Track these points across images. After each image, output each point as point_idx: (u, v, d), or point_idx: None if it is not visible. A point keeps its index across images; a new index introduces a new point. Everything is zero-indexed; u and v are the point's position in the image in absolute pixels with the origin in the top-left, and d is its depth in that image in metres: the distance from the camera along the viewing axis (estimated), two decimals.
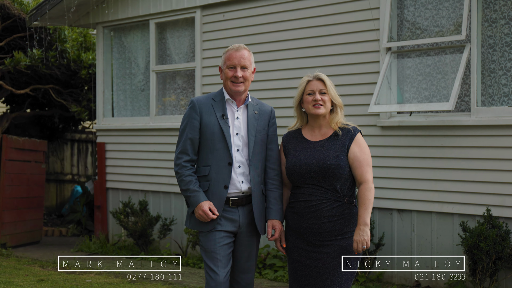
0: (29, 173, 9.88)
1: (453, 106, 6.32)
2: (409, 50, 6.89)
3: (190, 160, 4.26)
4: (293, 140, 4.32)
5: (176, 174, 4.31)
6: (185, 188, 4.23)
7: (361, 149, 4.16)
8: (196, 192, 4.19)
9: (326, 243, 4.12)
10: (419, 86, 6.83)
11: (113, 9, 9.42)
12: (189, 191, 4.21)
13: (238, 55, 4.30)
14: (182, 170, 4.25)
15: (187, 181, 4.23)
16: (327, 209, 4.11)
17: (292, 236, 4.24)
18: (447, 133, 6.53)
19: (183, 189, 4.26)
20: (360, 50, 7.17)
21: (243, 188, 4.27)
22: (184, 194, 4.27)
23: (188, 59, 8.89)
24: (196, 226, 4.28)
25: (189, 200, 4.24)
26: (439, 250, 6.62)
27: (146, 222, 8.62)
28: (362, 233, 4.05)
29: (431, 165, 6.64)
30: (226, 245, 4.22)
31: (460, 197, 6.48)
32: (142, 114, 9.44)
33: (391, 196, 6.93)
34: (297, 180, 4.20)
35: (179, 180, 4.27)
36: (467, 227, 6.22)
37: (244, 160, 4.28)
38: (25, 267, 7.77)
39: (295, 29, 7.69)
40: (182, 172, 4.24)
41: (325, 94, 4.19)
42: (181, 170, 4.25)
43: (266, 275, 7.35)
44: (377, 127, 7.02)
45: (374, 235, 7.00)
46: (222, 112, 4.28)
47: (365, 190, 4.10)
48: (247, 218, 4.29)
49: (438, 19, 6.72)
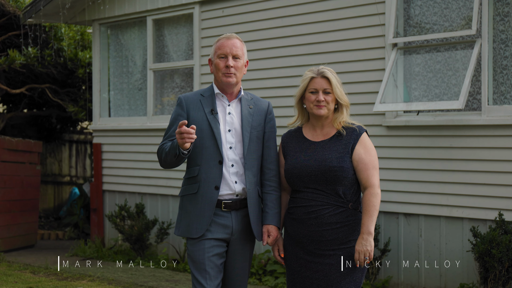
0: (23, 175, 9.58)
1: (463, 104, 6.00)
2: (416, 46, 6.58)
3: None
4: (293, 140, 3.97)
5: (158, 156, 3.89)
6: (169, 149, 3.76)
7: (367, 151, 3.81)
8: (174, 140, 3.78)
9: (328, 253, 3.76)
10: (427, 84, 6.52)
11: (109, 5, 9.14)
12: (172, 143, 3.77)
13: (229, 43, 3.93)
14: (160, 148, 3.87)
15: (168, 144, 3.82)
16: (329, 216, 3.76)
17: (291, 245, 3.88)
18: (457, 133, 6.22)
19: (166, 151, 3.78)
20: (364, 46, 6.87)
21: (236, 189, 3.91)
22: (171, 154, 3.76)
23: (187, 57, 8.60)
24: (185, 232, 3.91)
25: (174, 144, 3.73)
26: (448, 256, 6.31)
27: (143, 226, 8.32)
28: (365, 242, 3.69)
29: (440, 167, 6.32)
30: (216, 255, 3.86)
31: (470, 201, 6.16)
32: (139, 114, 9.16)
33: (397, 199, 6.62)
34: (296, 183, 3.85)
35: (162, 154, 3.83)
36: (478, 232, 5.91)
37: (238, 159, 3.92)
38: (15, 273, 7.46)
39: (297, 24, 7.40)
40: (161, 147, 3.86)
41: (329, 93, 3.84)
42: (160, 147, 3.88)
43: (267, 282, 7.03)
44: (383, 127, 6.72)
45: (380, 240, 6.69)
46: (211, 107, 3.94)
47: (370, 196, 3.73)
48: (240, 224, 3.93)
49: (447, 13, 6.40)
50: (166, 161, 3.85)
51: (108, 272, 7.55)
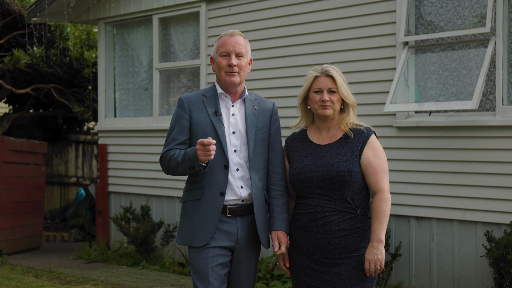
0: (27, 176, 9.43)
1: (477, 105, 5.80)
2: (428, 44, 6.39)
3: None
4: (297, 143, 3.76)
5: (164, 164, 3.69)
6: (182, 159, 3.57)
7: (376, 154, 3.60)
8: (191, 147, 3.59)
9: (337, 262, 3.56)
10: (440, 83, 6.32)
11: (114, 3, 8.98)
12: (186, 152, 3.55)
13: (232, 41, 3.71)
14: (167, 155, 3.67)
15: (177, 153, 3.61)
16: (337, 222, 3.55)
17: (297, 254, 3.67)
18: (470, 134, 6.01)
19: (178, 161, 3.56)
20: (374, 45, 6.68)
21: (242, 194, 3.69)
22: (186, 166, 3.54)
23: (193, 56, 8.43)
24: (187, 240, 3.69)
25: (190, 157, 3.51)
26: (461, 261, 6.11)
27: (148, 229, 8.16)
28: (375, 251, 3.48)
29: (453, 169, 6.12)
30: (220, 265, 3.65)
31: (484, 204, 5.96)
32: (145, 114, 9.00)
33: (408, 203, 6.42)
34: (302, 189, 3.64)
35: (171, 163, 3.63)
36: (492, 237, 5.71)
37: (243, 162, 3.70)
38: (18, 276, 7.31)
39: (305, 23, 7.22)
40: (168, 153, 3.66)
41: (335, 93, 3.63)
42: (166, 154, 3.67)
43: (274, 286, 6.85)
44: (393, 128, 6.52)
45: (390, 244, 6.50)
46: (214, 108, 3.72)
47: (380, 201, 3.52)
48: (246, 231, 3.71)
49: (459, 10, 6.21)
50: (176, 171, 3.64)
51: (112, 276, 7.39)
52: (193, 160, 3.52)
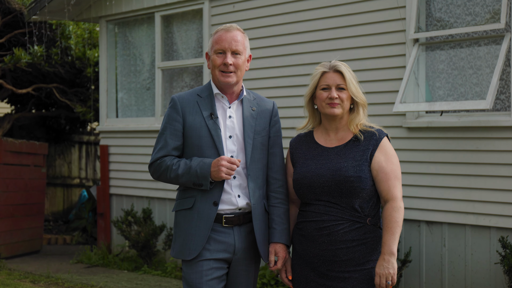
0: (27, 178, 9.22)
1: (491, 104, 5.54)
2: (439, 41, 6.13)
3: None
4: (303, 145, 3.48)
5: (157, 172, 3.39)
6: (182, 172, 3.29)
7: (388, 158, 3.31)
8: (197, 160, 3.31)
9: (343, 275, 3.28)
10: (452, 82, 6.07)
11: (115, 1, 8.76)
12: (191, 166, 3.29)
13: (228, 37, 3.42)
14: (162, 163, 3.37)
15: (175, 163, 3.34)
16: (344, 232, 3.27)
17: (300, 266, 3.39)
18: (483, 136, 5.76)
19: (179, 173, 3.30)
20: (383, 42, 6.43)
21: (240, 203, 3.40)
22: (188, 181, 3.30)
23: (196, 55, 8.20)
24: (179, 253, 3.41)
25: (198, 173, 3.26)
26: (474, 268, 5.85)
27: (150, 232, 7.92)
28: (386, 264, 3.19)
29: (465, 172, 5.87)
30: (215, 279, 3.36)
31: (498, 208, 5.70)
32: (147, 115, 8.78)
33: (419, 206, 6.17)
34: (306, 195, 3.36)
35: (165, 172, 3.34)
36: (507, 243, 5.45)
37: (241, 169, 3.40)
38: (14, 282, 7.09)
39: (312, 19, 6.97)
40: (163, 162, 3.36)
41: (344, 90, 3.35)
42: (160, 162, 3.38)
43: None
44: (403, 129, 6.27)
45: (400, 250, 6.25)
46: (210, 110, 3.42)
47: (391, 210, 3.24)
48: (244, 242, 3.42)
49: (471, 6, 5.95)
50: (173, 182, 3.37)
51: (112, 282, 7.16)
52: (202, 177, 3.29)
